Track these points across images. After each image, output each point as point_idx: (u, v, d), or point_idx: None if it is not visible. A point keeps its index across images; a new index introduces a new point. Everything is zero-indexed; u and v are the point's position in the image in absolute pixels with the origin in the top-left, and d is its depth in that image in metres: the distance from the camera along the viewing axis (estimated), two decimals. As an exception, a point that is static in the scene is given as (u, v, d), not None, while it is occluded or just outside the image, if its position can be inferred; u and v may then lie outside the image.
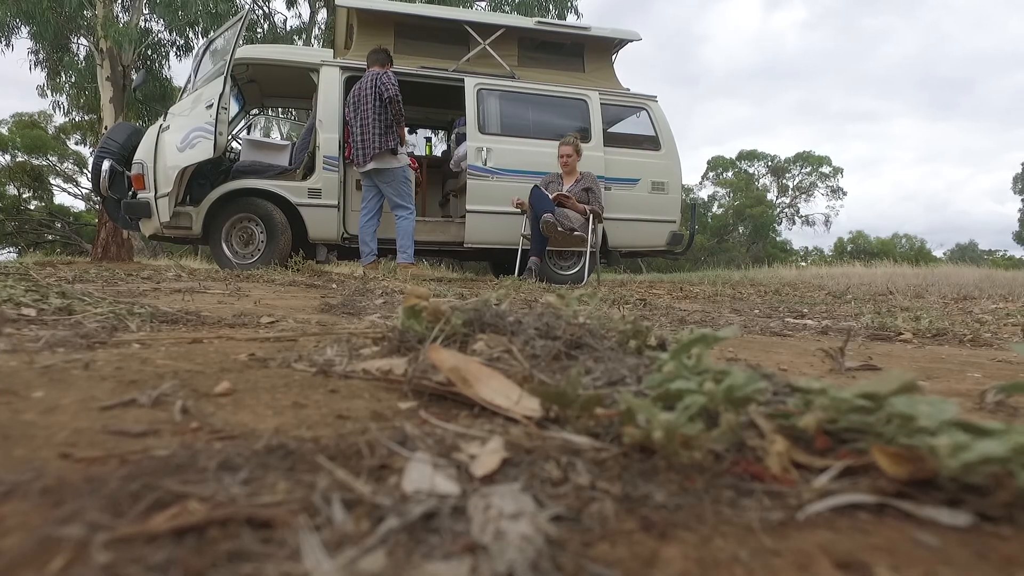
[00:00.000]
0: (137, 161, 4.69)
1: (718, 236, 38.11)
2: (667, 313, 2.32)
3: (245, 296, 2.10)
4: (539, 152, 5.36)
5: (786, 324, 2.03)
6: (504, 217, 5.22)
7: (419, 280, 4.52)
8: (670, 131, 5.91)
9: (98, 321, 1.13)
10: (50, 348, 0.89)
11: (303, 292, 2.41)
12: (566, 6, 8.61)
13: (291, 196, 4.91)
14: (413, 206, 4.68)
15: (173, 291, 2.10)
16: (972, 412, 0.80)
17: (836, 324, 1.98)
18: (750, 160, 41.73)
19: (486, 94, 5.39)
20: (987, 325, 2.15)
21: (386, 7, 5.45)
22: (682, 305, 2.96)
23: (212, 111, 4.26)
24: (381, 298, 2.11)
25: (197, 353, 0.90)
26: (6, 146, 25.72)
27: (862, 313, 2.40)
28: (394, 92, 4.44)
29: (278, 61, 5.24)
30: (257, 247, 4.92)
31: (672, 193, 5.80)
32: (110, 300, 1.39)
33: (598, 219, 4.68)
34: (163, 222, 4.68)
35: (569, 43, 5.85)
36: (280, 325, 1.27)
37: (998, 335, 1.87)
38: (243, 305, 1.77)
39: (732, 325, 1.75)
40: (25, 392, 0.65)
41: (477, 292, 2.72)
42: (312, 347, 0.95)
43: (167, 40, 9.68)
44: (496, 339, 0.80)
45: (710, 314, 2.36)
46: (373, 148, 4.47)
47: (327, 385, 0.73)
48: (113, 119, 8.24)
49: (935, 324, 1.85)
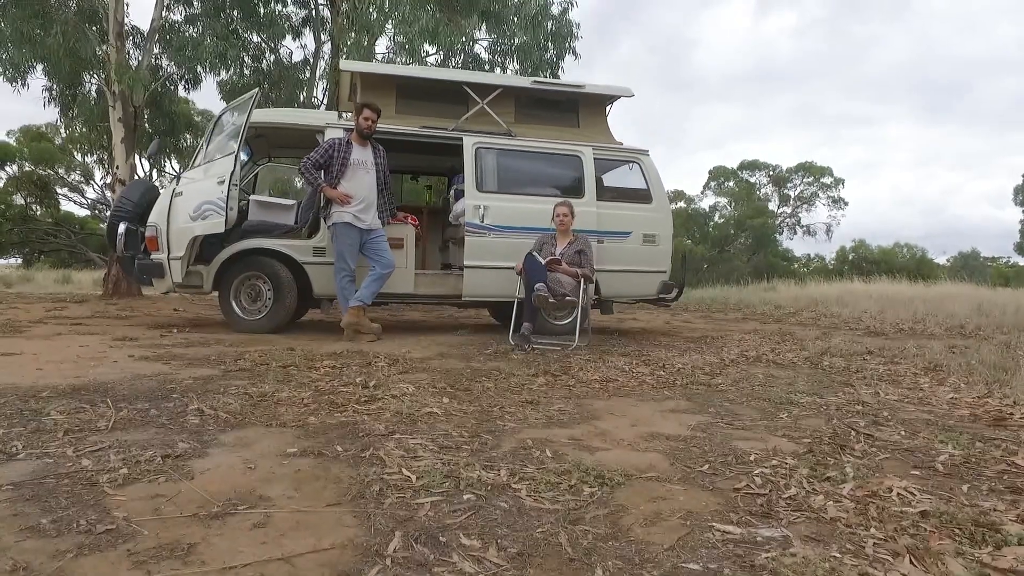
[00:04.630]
0: (151, 224, 4.93)
1: (719, 247, 38.27)
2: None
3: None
4: (534, 209, 5.58)
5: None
6: (501, 272, 5.44)
7: (357, 333, 4.71)
8: (661, 184, 6.14)
9: None
10: None
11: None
12: (564, 47, 8.85)
13: (297, 255, 5.15)
14: (344, 263, 4.85)
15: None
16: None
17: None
18: (751, 170, 41.93)
19: (484, 152, 5.63)
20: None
21: (388, 70, 5.70)
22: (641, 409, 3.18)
23: (224, 187, 4.51)
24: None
25: None
26: (13, 157, 26.07)
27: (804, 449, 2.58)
28: (301, 164, 4.89)
29: (287, 124, 5.51)
30: (265, 303, 5.16)
31: (663, 245, 6.02)
32: None
33: (588, 282, 4.90)
34: (175, 282, 4.93)
35: (564, 100, 6.09)
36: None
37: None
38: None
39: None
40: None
41: (458, 384, 2.89)
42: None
43: (176, 74, 9.94)
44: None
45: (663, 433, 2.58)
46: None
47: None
48: (124, 159, 8.52)
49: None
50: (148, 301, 8.23)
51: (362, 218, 4.86)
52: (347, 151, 4.85)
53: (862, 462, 1.94)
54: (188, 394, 2.40)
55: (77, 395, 2.29)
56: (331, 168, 4.83)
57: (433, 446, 1.86)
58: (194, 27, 9.57)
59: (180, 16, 9.57)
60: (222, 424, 1.98)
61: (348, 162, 4.84)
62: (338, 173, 4.82)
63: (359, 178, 4.88)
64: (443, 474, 1.58)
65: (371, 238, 4.94)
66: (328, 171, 4.84)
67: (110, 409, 2.07)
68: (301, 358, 3.52)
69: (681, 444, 2.08)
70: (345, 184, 4.83)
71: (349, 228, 4.83)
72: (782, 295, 16.83)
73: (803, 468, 1.83)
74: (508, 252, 5.44)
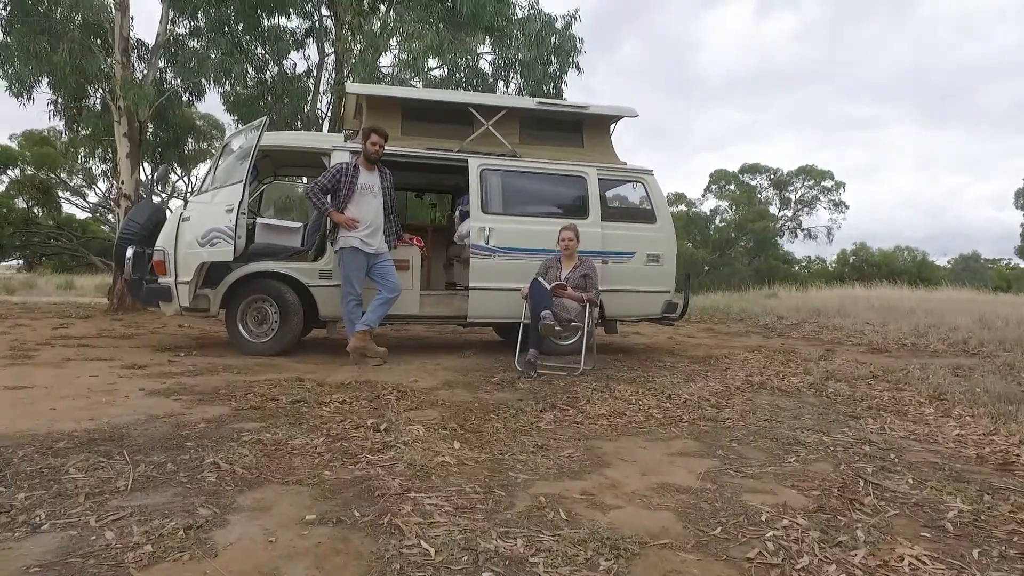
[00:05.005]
0: (159, 248, 4.96)
1: (720, 250, 38.32)
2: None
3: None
4: (539, 231, 5.61)
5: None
6: (506, 293, 5.47)
7: (363, 357, 4.75)
8: (665, 204, 6.17)
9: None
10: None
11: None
12: (568, 61, 8.88)
13: (303, 278, 5.18)
14: (351, 287, 4.88)
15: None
16: None
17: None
18: (752, 173, 42.00)
19: (489, 174, 5.65)
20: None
21: (394, 92, 5.73)
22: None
23: (232, 216, 4.54)
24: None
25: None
26: (16, 161, 26.13)
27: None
28: (308, 188, 4.98)
29: (294, 147, 5.55)
30: (271, 326, 5.19)
31: (666, 264, 6.05)
32: None
33: (594, 306, 4.93)
34: (183, 306, 4.96)
35: (568, 120, 6.11)
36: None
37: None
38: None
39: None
40: None
41: (468, 419, 2.91)
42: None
43: (180, 86, 9.96)
44: None
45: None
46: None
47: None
48: (130, 173, 8.55)
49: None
50: (153, 316, 8.26)
51: (369, 242, 4.89)
52: (354, 176, 4.88)
53: (872, 521, 1.96)
54: (203, 442, 2.42)
55: (94, 445, 2.31)
56: (338, 192, 4.85)
57: (448, 507, 1.88)
58: (198, 40, 9.61)
59: (185, 29, 9.60)
60: (239, 482, 2.00)
61: (355, 187, 4.86)
62: (345, 198, 4.84)
63: (366, 203, 4.90)
64: (461, 546, 1.60)
65: (378, 262, 4.97)
66: (335, 195, 4.87)
67: (128, 465, 2.09)
68: (310, 392, 3.55)
69: (692, 499, 2.10)
70: (352, 209, 4.86)
71: (356, 253, 4.85)
72: (784, 303, 16.86)
73: (814, 531, 1.85)
74: (513, 274, 5.47)
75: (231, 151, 5.17)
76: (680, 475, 2.38)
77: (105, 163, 11.72)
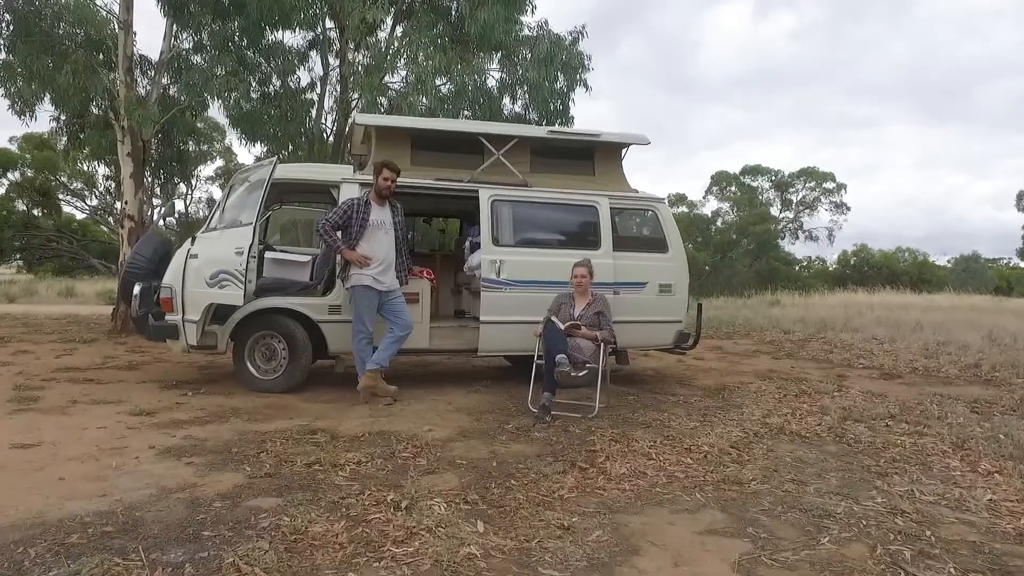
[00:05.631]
0: (166, 285, 4.88)
1: (722, 252, 38.24)
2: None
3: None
4: (551, 263, 5.53)
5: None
6: (518, 326, 5.39)
7: (374, 396, 4.69)
8: (677, 232, 6.09)
9: None
10: None
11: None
12: (575, 79, 8.78)
13: (312, 314, 5.10)
14: (362, 325, 4.80)
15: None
16: None
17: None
18: (753, 175, 41.91)
19: (500, 205, 5.57)
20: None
21: (403, 123, 5.64)
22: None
23: (243, 259, 4.45)
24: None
25: None
26: (16, 164, 26.04)
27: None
28: (318, 223, 4.87)
29: (303, 180, 5.47)
30: (280, 363, 5.11)
31: (679, 294, 5.97)
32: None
33: (608, 345, 4.85)
34: (190, 344, 4.87)
35: (579, 148, 6.03)
36: None
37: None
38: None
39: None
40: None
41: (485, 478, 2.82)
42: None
43: (185, 103, 9.86)
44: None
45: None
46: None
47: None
48: (133, 194, 8.44)
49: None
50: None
51: (381, 280, 4.81)
52: (366, 212, 4.80)
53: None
54: (220, 530, 2.35)
55: (107, 540, 2.23)
56: (350, 229, 4.77)
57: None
58: (202, 55, 9.51)
59: (189, 44, 9.49)
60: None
61: (367, 223, 4.78)
62: (357, 234, 4.76)
63: (378, 239, 4.82)
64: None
65: (389, 299, 4.89)
66: (346, 231, 4.78)
67: (144, 569, 2.01)
68: (323, 449, 3.47)
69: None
70: (364, 245, 4.78)
71: (368, 291, 4.77)
72: (788, 312, 16.78)
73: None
74: (525, 307, 5.39)
75: (239, 188, 5.08)
76: (713, 566, 2.30)
77: (106, 167, 11.58)
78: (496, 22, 7.85)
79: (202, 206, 27.25)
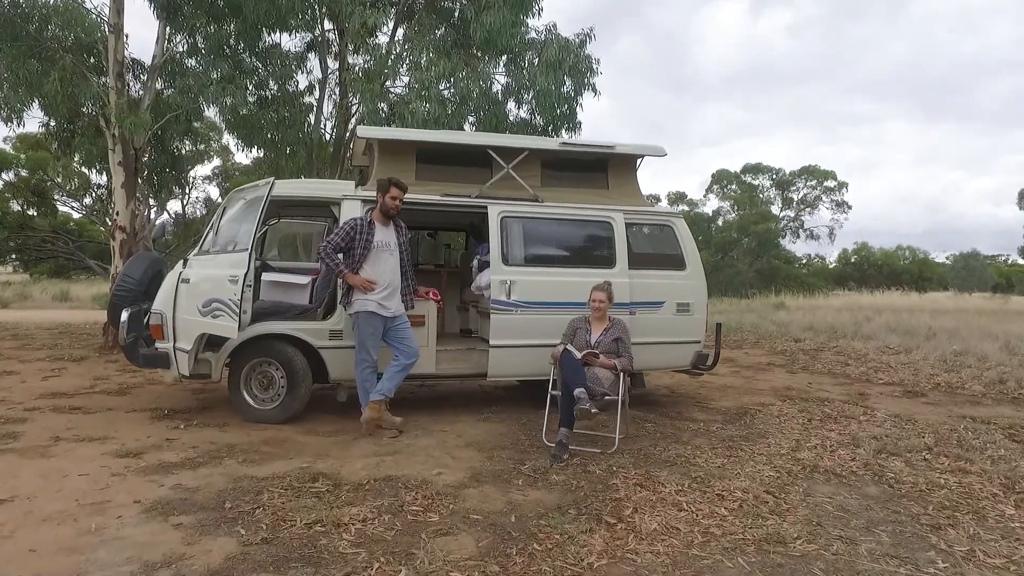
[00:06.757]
0: (156, 311, 4.58)
1: (723, 251, 37.95)
2: None
3: None
4: (564, 282, 5.24)
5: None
6: (530, 350, 5.10)
7: (378, 428, 4.42)
8: (695, 249, 5.79)
9: None
10: None
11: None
12: (583, 83, 8.46)
13: (312, 340, 4.80)
14: (366, 353, 4.49)
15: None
16: None
17: None
18: (754, 174, 41.64)
19: (510, 221, 5.27)
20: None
21: (408, 136, 5.34)
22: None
23: (237, 288, 4.14)
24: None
25: None
26: (10, 164, 25.70)
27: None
28: (320, 247, 4.57)
29: (304, 197, 5.17)
30: (278, 392, 4.80)
31: (697, 314, 5.69)
32: None
33: (628, 374, 4.55)
34: (182, 374, 4.58)
35: (592, 160, 5.72)
36: None
37: None
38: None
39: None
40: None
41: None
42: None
43: (179, 109, 9.53)
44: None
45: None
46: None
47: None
48: (125, 204, 8.11)
49: None
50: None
51: (386, 305, 4.51)
52: (370, 233, 4.49)
53: None
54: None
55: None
56: (352, 251, 4.46)
57: None
58: (196, 58, 9.18)
59: (183, 47, 9.15)
60: None
61: (371, 245, 4.48)
62: (360, 257, 4.46)
63: (383, 261, 4.52)
64: None
65: (394, 325, 4.59)
66: (349, 254, 4.48)
67: None
68: (324, 502, 3.17)
69: None
70: (368, 268, 4.47)
71: (372, 317, 4.47)
72: (794, 317, 16.50)
73: None
74: (537, 330, 5.11)
75: (233, 208, 4.76)
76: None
77: (97, 175, 11.26)
78: (503, 26, 7.52)
79: (199, 206, 26.87)
